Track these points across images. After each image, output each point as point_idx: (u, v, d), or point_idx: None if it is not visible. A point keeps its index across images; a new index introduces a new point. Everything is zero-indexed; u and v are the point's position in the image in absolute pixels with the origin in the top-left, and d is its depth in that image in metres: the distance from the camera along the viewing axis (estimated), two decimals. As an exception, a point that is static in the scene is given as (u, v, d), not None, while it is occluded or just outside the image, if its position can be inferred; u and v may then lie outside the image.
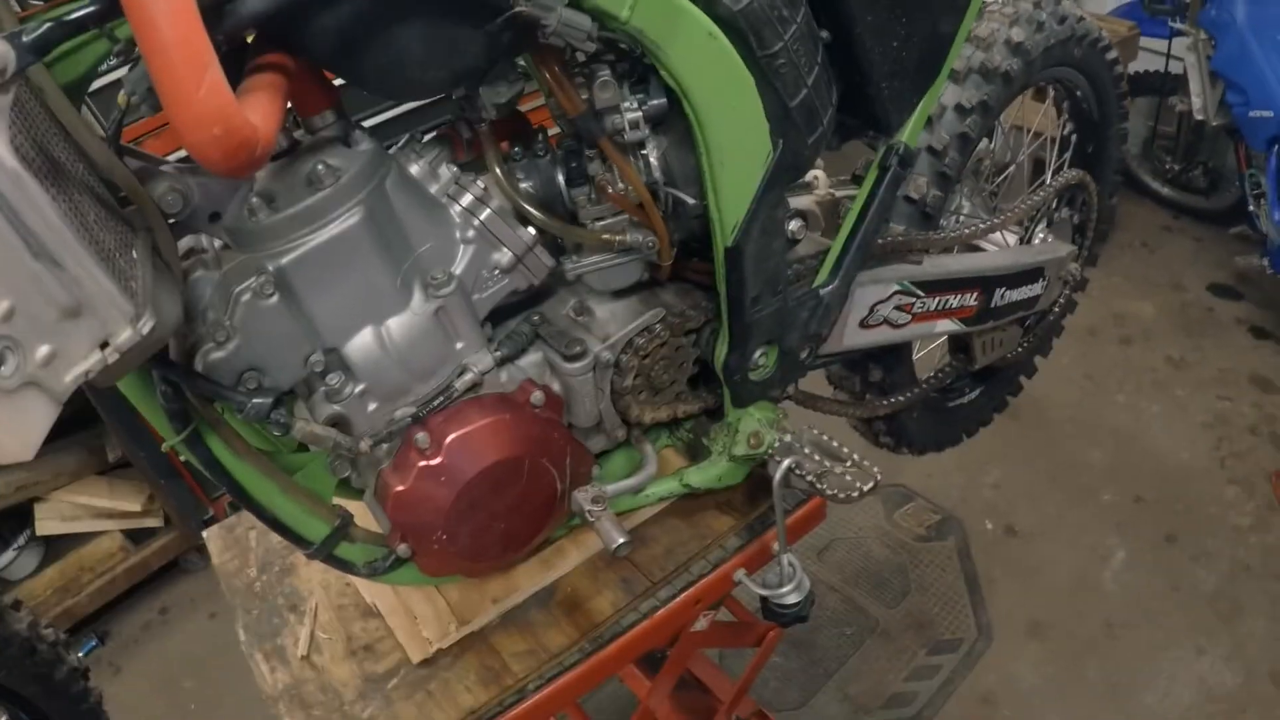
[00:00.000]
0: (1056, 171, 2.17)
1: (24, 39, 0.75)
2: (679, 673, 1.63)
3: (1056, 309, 2.09)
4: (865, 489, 1.28)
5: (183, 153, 0.84)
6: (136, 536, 3.28)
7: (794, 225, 1.32)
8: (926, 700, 2.60)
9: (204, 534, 1.74)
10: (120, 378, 1.00)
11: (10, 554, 3.15)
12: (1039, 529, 3.08)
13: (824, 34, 1.24)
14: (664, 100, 1.14)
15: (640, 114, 1.13)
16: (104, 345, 0.85)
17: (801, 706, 2.65)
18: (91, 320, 0.83)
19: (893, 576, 2.97)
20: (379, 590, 1.48)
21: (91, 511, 3.22)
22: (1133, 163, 4.47)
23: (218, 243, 1.11)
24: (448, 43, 1.00)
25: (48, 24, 0.76)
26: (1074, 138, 2.19)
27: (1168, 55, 3.92)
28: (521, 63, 1.16)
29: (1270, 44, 3.49)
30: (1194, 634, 2.73)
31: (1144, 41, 3.97)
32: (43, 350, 0.81)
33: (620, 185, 1.18)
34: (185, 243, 1.13)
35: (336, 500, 1.32)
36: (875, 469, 1.31)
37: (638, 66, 1.14)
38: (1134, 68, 4.06)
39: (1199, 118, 3.83)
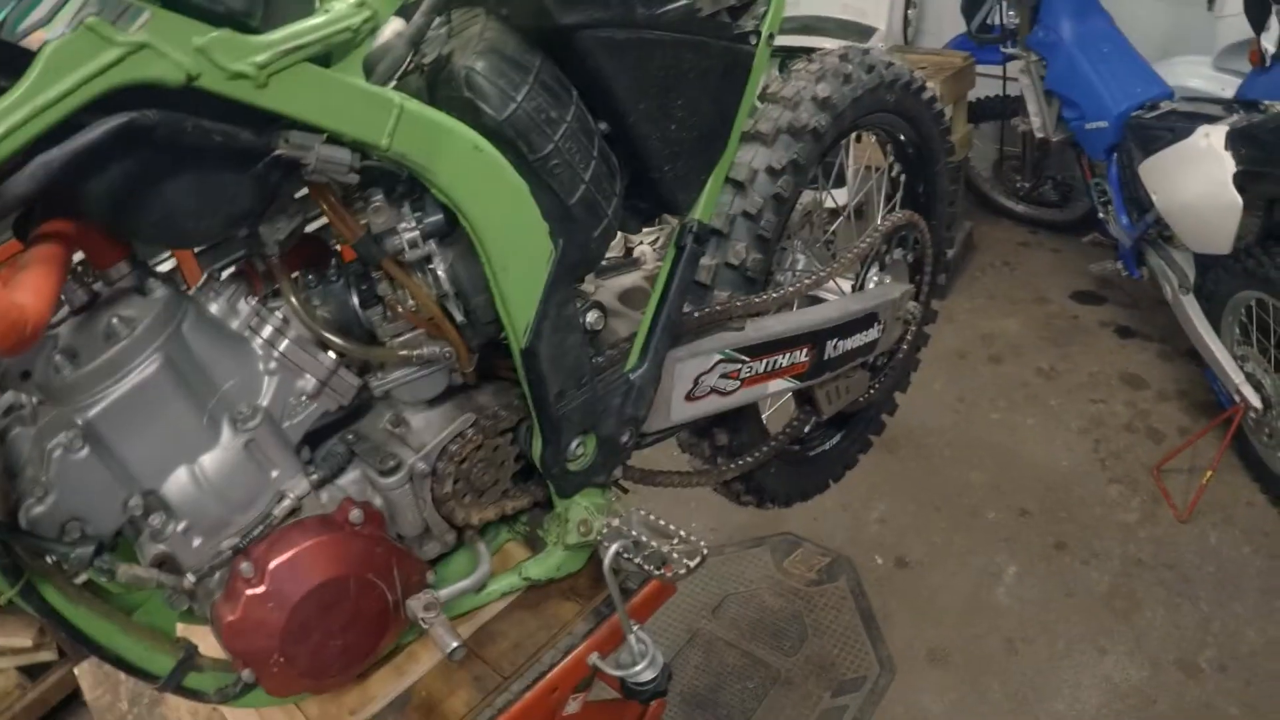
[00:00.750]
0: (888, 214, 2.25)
1: None
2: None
3: (904, 347, 2.15)
4: (692, 565, 1.31)
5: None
6: (32, 672, 3.17)
7: (591, 317, 1.35)
8: (838, 741, 2.61)
9: (75, 670, 1.73)
10: None
11: None
12: (929, 557, 3.13)
13: (602, 125, 1.28)
14: (441, 216, 1.17)
15: (418, 233, 1.16)
16: None
17: (712, 765, 2.64)
18: None
19: (789, 624, 2.98)
20: (242, 713, 1.47)
21: (-19, 650, 3.13)
22: (985, 185, 4.64)
23: (34, 398, 1.12)
24: (217, 191, 1.03)
25: None
26: (903, 178, 2.25)
27: (1004, 79, 4.09)
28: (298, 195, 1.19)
29: (1097, 57, 3.66)
30: (1094, 635, 2.79)
31: (981, 69, 4.12)
32: None
33: (410, 303, 1.21)
34: (5, 400, 1.14)
35: (185, 629, 1.32)
36: (701, 543, 1.34)
37: (415, 183, 1.17)
38: (974, 95, 4.22)
39: (1040, 135, 4.00)
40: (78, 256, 1.11)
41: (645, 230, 1.76)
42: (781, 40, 4.25)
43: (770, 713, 2.72)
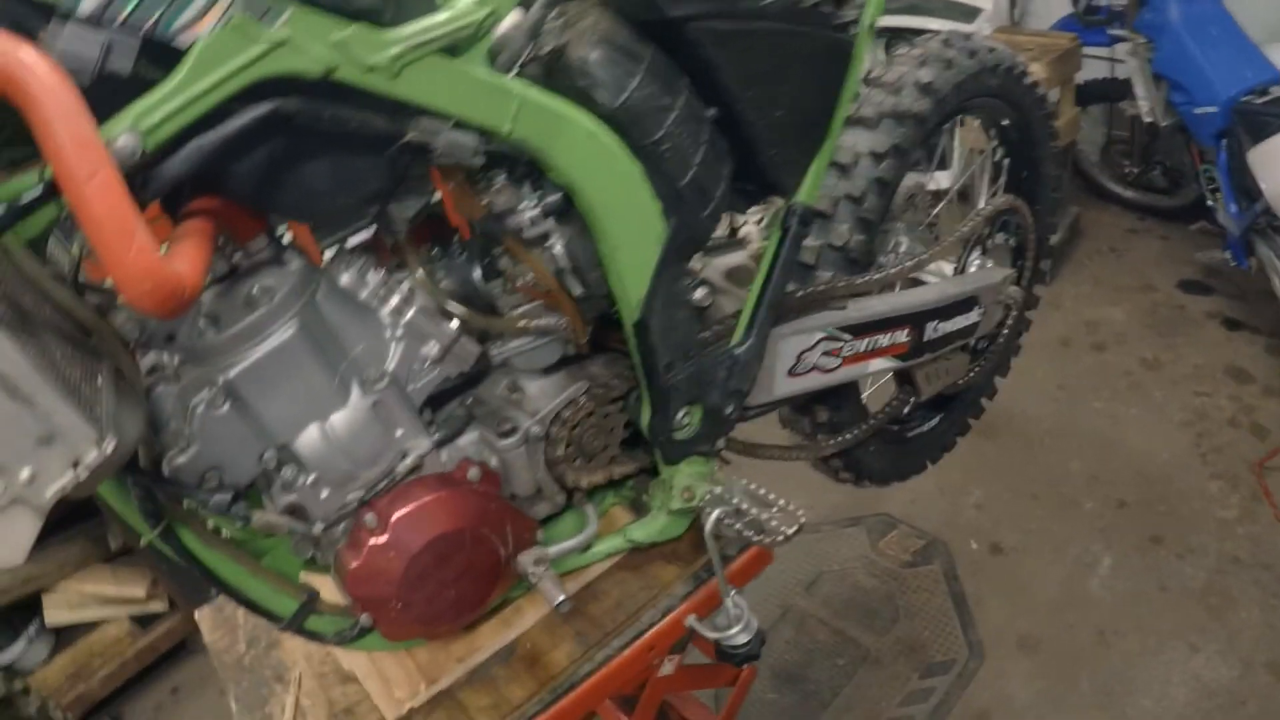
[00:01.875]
0: (991, 198, 2.25)
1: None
2: (652, 713, 1.69)
3: (1005, 331, 2.16)
4: (790, 532, 1.36)
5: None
6: (143, 621, 3.37)
7: (699, 294, 1.41)
8: (923, 722, 2.64)
9: (196, 615, 1.84)
10: (94, 488, 1.11)
11: (21, 644, 3.25)
12: (1024, 544, 3.12)
13: (711, 111, 1.34)
14: (559, 196, 1.24)
15: (538, 211, 1.23)
16: (75, 464, 0.97)
17: (797, 740, 2.70)
18: (63, 445, 0.95)
19: (881, 605, 3.01)
20: (355, 657, 1.57)
21: (98, 599, 3.32)
22: (1093, 169, 4.56)
23: (177, 358, 1.21)
24: (351, 173, 1.11)
25: (4, 208, 0.90)
26: (1006, 163, 2.25)
27: (1112, 62, 4.01)
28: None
29: (1206, 41, 3.58)
30: (1186, 632, 2.76)
31: (1088, 51, 4.05)
32: (25, 473, 0.93)
33: (529, 277, 1.28)
34: (148, 360, 1.25)
35: (307, 576, 1.42)
36: (800, 512, 1.39)
37: (535, 165, 1.23)
38: (1081, 77, 4.14)
39: (1149, 120, 3.92)
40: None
41: (750, 210, 1.81)
42: (888, 20, 4.27)
43: (858, 690, 2.76)
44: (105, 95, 0.89)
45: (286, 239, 1.28)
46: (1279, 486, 3.15)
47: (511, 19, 1.16)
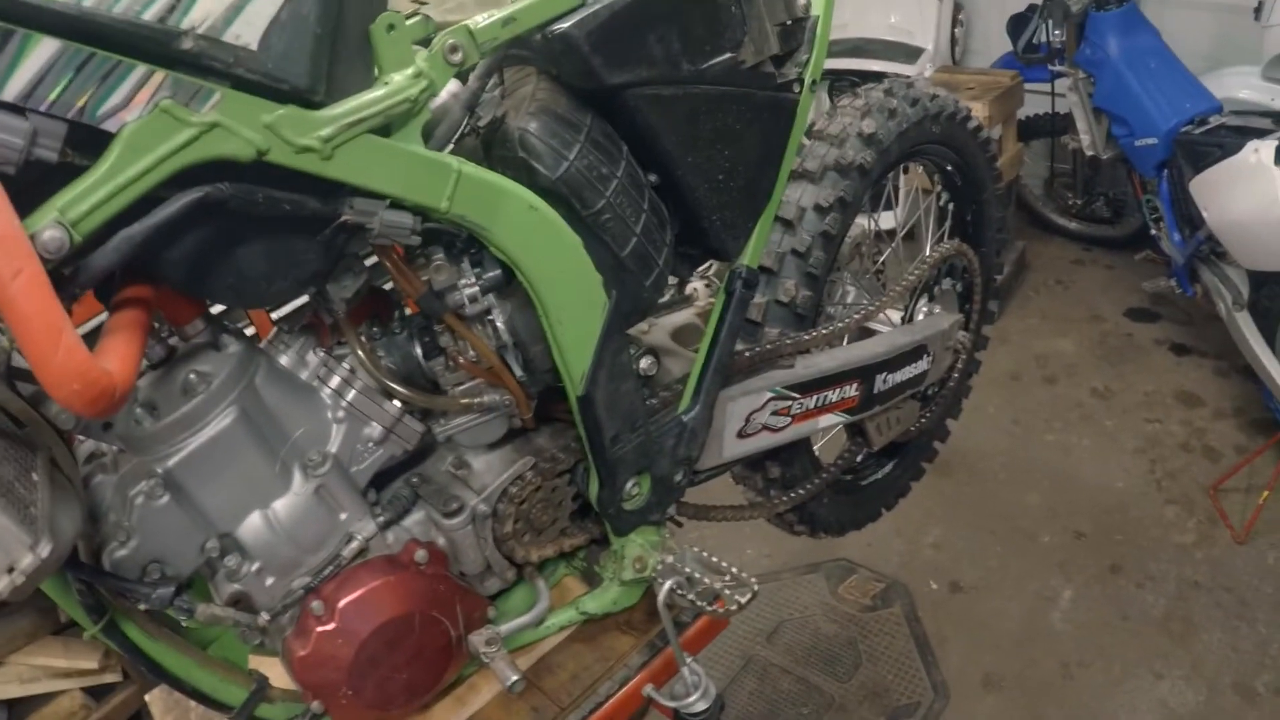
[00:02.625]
0: (937, 243, 2.27)
1: None
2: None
3: (955, 375, 2.17)
4: (743, 601, 1.35)
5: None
6: (97, 693, 3.26)
7: (644, 363, 1.40)
8: (891, 767, 2.62)
9: (146, 697, 1.79)
10: (31, 590, 1.07)
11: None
12: (984, 581, 3.12)
13: (652, 177, 1.33)
14: (499, 271, 1.22)
15: (477, 288, 1.21)
16: (10, 569, 0.94)
17: (766, 792, 2.67)
18: None
19: (843, 650, 2.98)
20: (312, 742, 1.53)
21: (49, 672, 3.18)
22: (1037, 203, 4.62)
23: (115, 447, 1.19)
24: (286, 256, 1.09)
25: None
26: (950, 207, 2.27)
27: (1053, 96, 4.07)
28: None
29: (1145, 73, 3.64)
30: (1150, 659, 2.76)
31: (1029, 86, 4.11)
32: None
33: (471, 354, 1.26)
34: (86, 449, 1.23)
35: (256, 660, 1.39)
36: (753, 580, 1.38)
37: (474, 241, 1.21)
38: (1023, 113, 4.21)
39: (1090, 153, 3.98)
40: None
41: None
42: (830, 64, 4.28)
43: (824, 738, 2.74)
44: (30, 184, 0.86)
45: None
46: (1234, 509, 3.18)
47: (449, 90, 1.15)
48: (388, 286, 1.35)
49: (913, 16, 4.54)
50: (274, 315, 1.36)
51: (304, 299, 1.28)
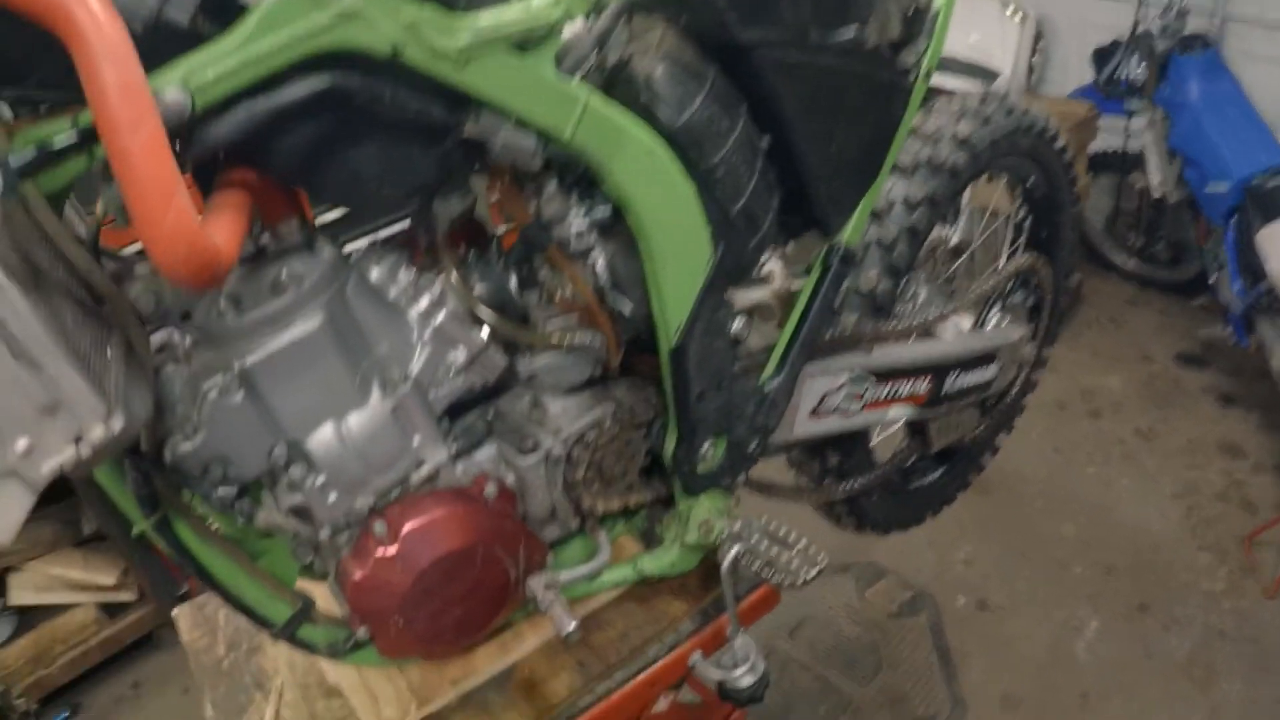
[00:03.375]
0: (1011, 256, 2.25)
1: (12, 165, 0.81)
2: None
3: (1015, 390, 2.15)
4: (810, 575, 1.33)
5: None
6: (111, 610, 3.29)
7: (738, 325, 1.37)
8: (901, 775, 2.61)
9: (173, 612, 1.77)
10: (94, 468, 1.06)
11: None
12: (1011, 603, 3.10)
13: (764, 139, 1.31)
14: (609, 211, 1.20)
15: (586, 224, 1.19)
16: (78, 440, 0.91)
17: (776, 785, 2.66)
18: (67, 417, 0.89)
19: (865, 654, 2.97)
20: (342, 670, 1.52)
21: (66, 583, 3.23)
22: (1097, 239, 4.58)
23: (189, 339, 1.16)
24: (401, 162, 1.07)
25: (33, 151, 0.83)
26: (1028, 222, 2.25)
27: (1126, 134, 4.04)
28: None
29: (1223, 119, 3.62)
30: (1169, 701, 2.74)
31: (1103, 121, 4.07)
32: (21, 443, 0.86)
33: (568, 290, 1.24)
34: (158, 338, 1.19)
35: (301, 583, 1.36)
36: (821, 555, 1.36)
37: (586, 176, 1.20)
38: (1094, 147, 4.16)
39: (1158, 194, 3.94)
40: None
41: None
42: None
43: (837, 741, 2.72)
44: (157, 46, 0.84)
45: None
46: (1267, 562, 3.15)
47: (579, 24, 1.13)
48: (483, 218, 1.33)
49: (993, 38, 4.49)
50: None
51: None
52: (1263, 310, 3.47)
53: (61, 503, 3.26)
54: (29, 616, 3.24)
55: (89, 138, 0.84)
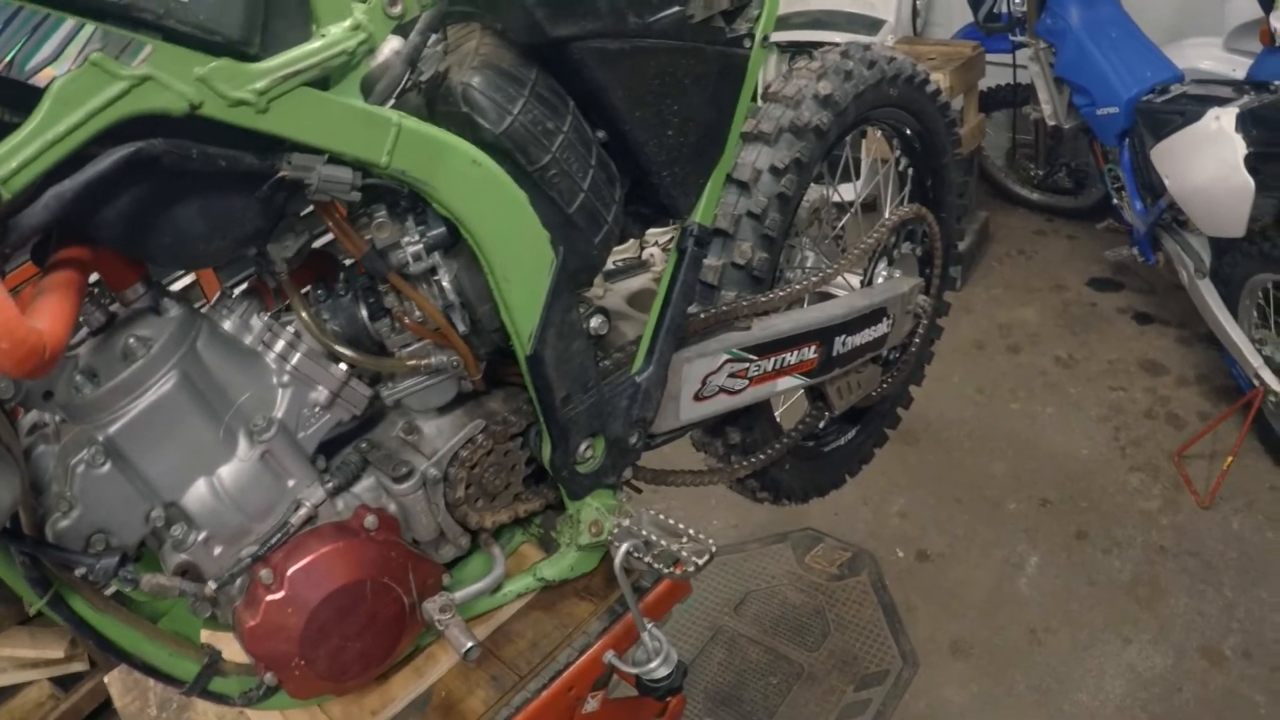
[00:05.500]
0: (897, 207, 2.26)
1: None
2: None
3: (916, 340, 2.16)
4: (700, 563, 1.33)
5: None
6: (64, 683, 3.24)
7: (595, 323, 1.38)
8: (862, 734, 2.63)
9: (105, 679, 1.76)
10: None
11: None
12: (950, 549, 3.14)
13: (600, 134, 1.31)
14: (444, 228, 1.19)
15: (421, 246, 1.19)
16: None
17: (738, 761, 2.67)
18: None
19: (811, 619, 2.99)
20: (267, 716, 1.51)
21: (16, 663, 3.18)
22: (999, 174, 4.64)
23: (56, 418, 1.16)
24: (224, 214, 1.06)
25: None
26: (910, 172, 2.26)
27: (1014, 67, 4.09)
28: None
29: (1106, 43, 3.66)
30: (1118, 625, 2.79)
31: (990, 58, 4.12)
32: None
33: (417, 314, 1.24)
34: (29, 419, 1.20)
35: (209, 635, 1.36)
36: (710, 541, 1.36)
37: (417, 198, 1.19)
38: (984, 84, 4.22)
39: (1052, 123, 3.99)
40: (93, 278, 1.14)
41: (655, 231, 1.79)
42: (791, 36, 4.29)
43: (794, 708, 2.73)
44: None
45: (179, 282, 1.22)
46: (1199, 475, 3.22)
47: (390, 46, 1.12)
48: (329, 248, 1.33)
49: (874, -12, 4.55)
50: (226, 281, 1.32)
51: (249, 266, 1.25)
52: (1165, 226, 3.53)
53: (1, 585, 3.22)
54: (-14, 701, 3.21)
55: None
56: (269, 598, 1.22)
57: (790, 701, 2.75)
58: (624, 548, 1.38)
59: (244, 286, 1.28)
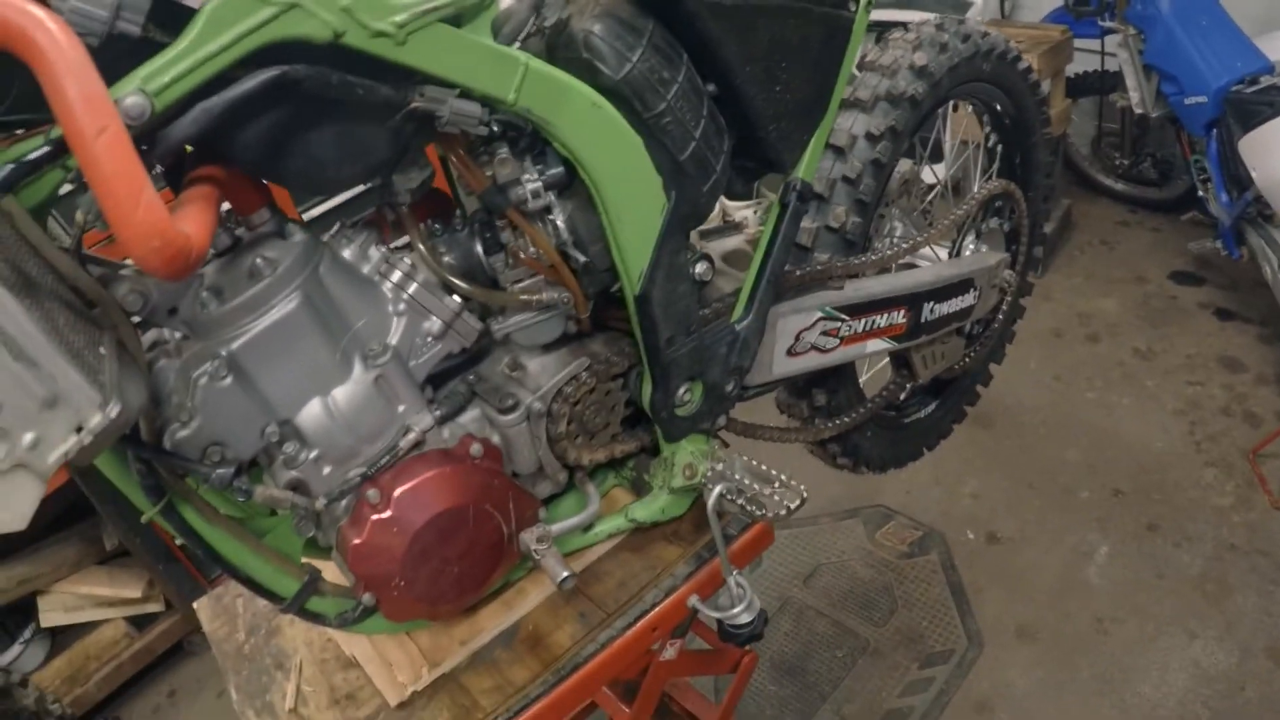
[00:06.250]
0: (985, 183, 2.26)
1: (6, 174, 0.87)
2: (654, 700, 1.69)
3: (1000, 316, 2.17)
4: (793, 506, 1.36)
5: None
6: (139, 622, 3.36)
7: (700, 268, 1.41)
8: (923, 713, 2.65)
9: (194, 604, 1.83)
10: (96, 456, 1.11)
11: (17, 648, 3.23)
12: (1021, 533, 3.13)
13: (710, 87, 1.34)
14: (561, 168, 1.23)
15: (540, 184, 1.23)
16: (79, 429, 0.96)
17: (800, 730, 2.70)
18: (66, 409, 0.95)
19: (879, 595, 3.01)
20: (356, 642, 1.56)
21: (94, 601, 3.31)
22: (1083, 162, 4.57)
23: (178, 334, 1.21)
24: (357, 142, 1.11)
25: (10, 165, 0.89)
26: (999, 149, 2.26)
27: (1102, 54, 4.03)
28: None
29: (1195, 30, 3.60)
30: (1184, 619, 2.77)
31: (1078, 43, 4.06)
32: (28, 437, 0.92)
33: (531, 250, 1.28)
34: (150, 336, 1.25)
35: (307, 559, 1.41)
36: (802, 486, 1.39)
37: (535, 138, 1.24)
38: (1072, 70, 4.15)
39: (1139, 111, 3.93)
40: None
41: (733, 205, 1.82)
42: (878, 15, 4.26)
43: (858, 681, 2.76)
44: (114, 57, 0.89)
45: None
46: (1273, 473, 3.17)
47: None
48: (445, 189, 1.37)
49: (963, -32, 4.50)
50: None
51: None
52: (1251, 220, 3.48)
53: (84, 522, 3.33)
54: (61, 637, 3.31)
55: (60, 149, 0.90)
56: (375, 517, 1.27)
57: (855, 675, 2.77)
58: (717, 489, 1.41)
59: (363, 217, 1.33)
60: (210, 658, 3.40)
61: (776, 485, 1.39)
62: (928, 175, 2.21)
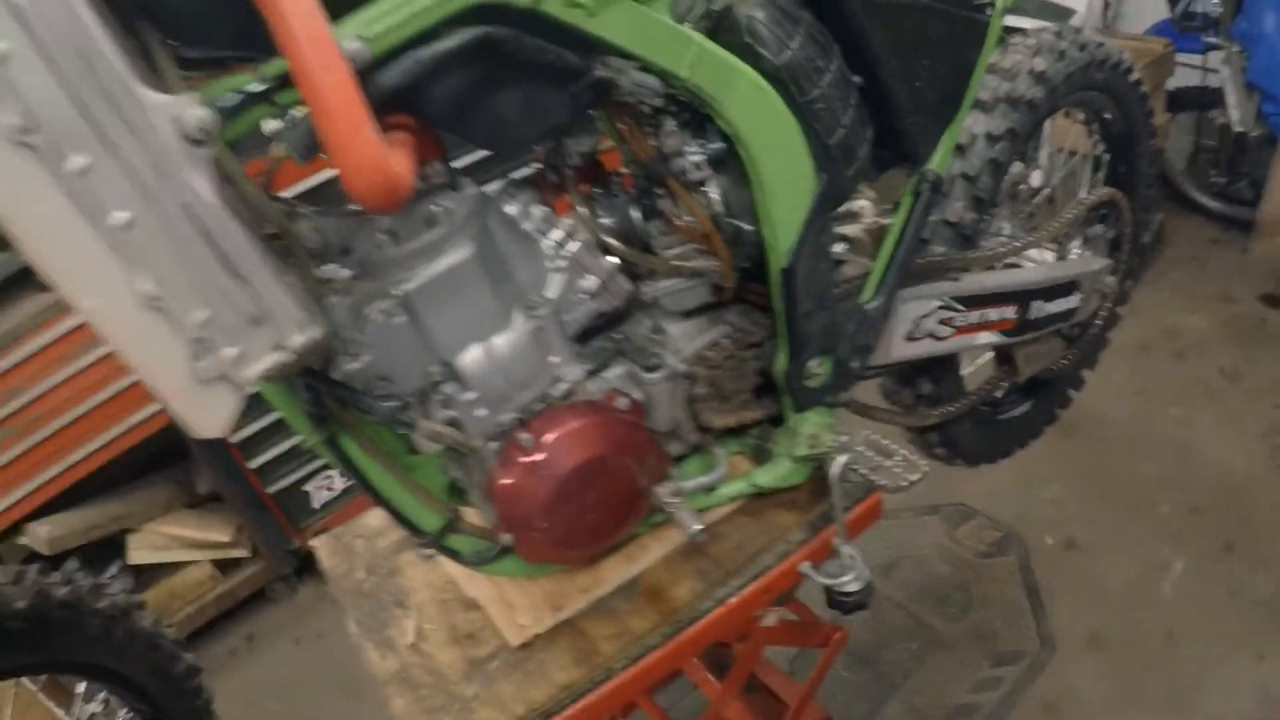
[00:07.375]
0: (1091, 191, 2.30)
1: (219, 106, 0.95)
2: (750, 666, 1.76)
3: (1098, 321, 2.21)
4: (914, 479, 1.43)
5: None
6: (225, 567, 3.46)
7: (839, 249, 1.49)
8: (990, 711, 2.68)
9: (312, 542, 1.91)
10: (292, 374, 1.19)
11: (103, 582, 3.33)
12: (1098, 542, 3.14)
13: (857, 79, 1.41)
14: (722, 144, 1.31)
15: (702, 156, 1.32)
16: (279, 347, 1.04)
17: (869, 719, 2.75)
18: (270, 326, 1.03)
19: (955, 592, 3.05)
20: (479, 584, 1.64)
21: (181, 542, 3.40)
22: (1178, 178, 4.52)
23: (349, 273, 1.27)
24: (540, 104, 1.19)
25: (236, 94, 0.97)
26: (1106, 157, 2.30)
27: (1204, 69, 4.01)
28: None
29: None
30: (1254, 641, 2.76)
31: (1180, 57, 4.03)
32: (231, 351, 1.00)
33: (687, 218, 1.36)
34: (326, 271, 1.32)
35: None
36: (923, 462, 1.46)
37: (697, 115, 1.31)
38: (1172, 84, 4.12)
39: (1239, 129, 3.90)
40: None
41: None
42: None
43: (929, 674, 2.81)
44: (332, 4, 0.96)
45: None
46: (1353, 503, 3.15)
47: None
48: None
49: (1068, -25, 4.48)
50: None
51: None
52: (1345, 247, 3.46)
53: (177, 466, 3.45)
54: (146, 575, 3.40)
55: (274, 86, 0.98)
56: (526, 459, 1.35)
57: (927, 668, 2.82)
58: (842, 459, 1.48)
59: (525, 177, 1.41)
60: (289, 606, 3.55)
61: (897, 458, 1.46)
62: (1033, 179, 2.26)
